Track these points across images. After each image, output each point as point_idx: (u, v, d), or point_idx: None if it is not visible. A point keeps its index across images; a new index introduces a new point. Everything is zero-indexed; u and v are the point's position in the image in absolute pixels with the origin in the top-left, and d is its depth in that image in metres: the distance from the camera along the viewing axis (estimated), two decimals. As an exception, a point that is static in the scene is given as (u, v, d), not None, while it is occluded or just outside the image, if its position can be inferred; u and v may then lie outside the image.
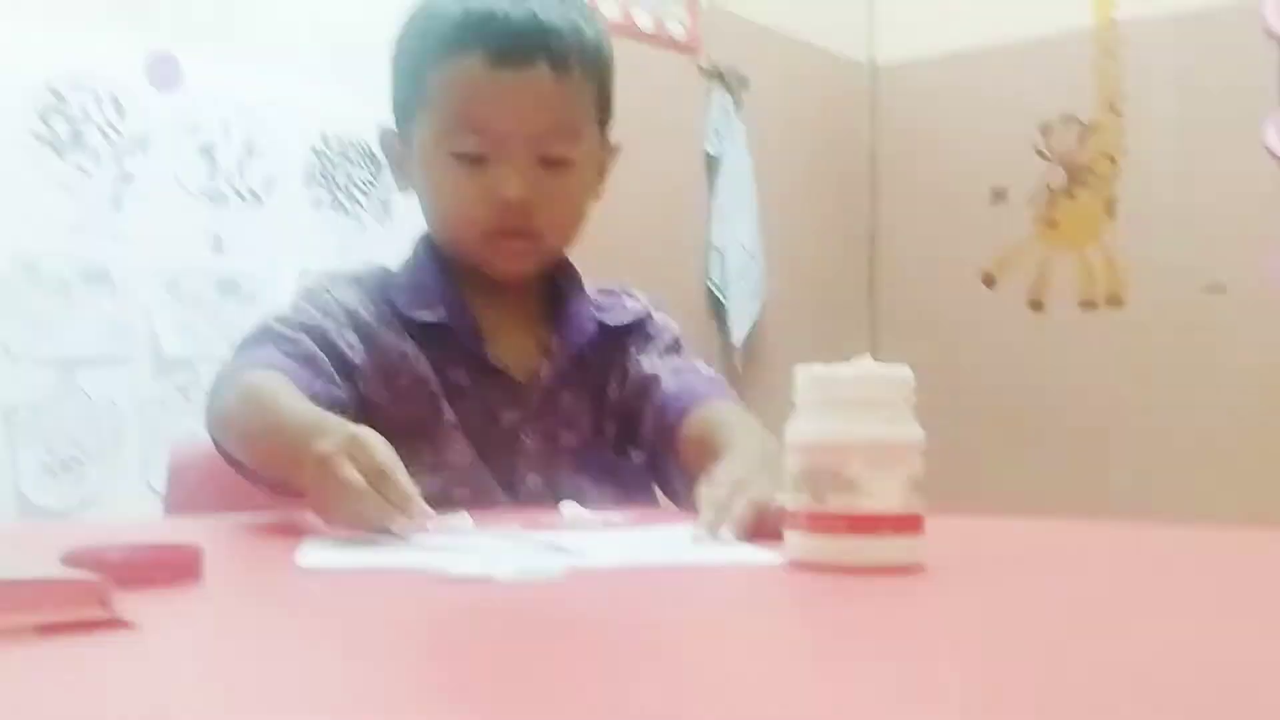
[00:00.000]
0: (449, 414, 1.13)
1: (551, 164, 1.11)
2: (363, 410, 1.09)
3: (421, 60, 1.11)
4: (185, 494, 1.31)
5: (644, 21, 2.98)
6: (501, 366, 1.16)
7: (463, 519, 0.88)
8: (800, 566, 0.68)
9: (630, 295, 1.28)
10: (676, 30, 3.07)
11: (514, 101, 1.08)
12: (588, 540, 0.80)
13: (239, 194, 2.19)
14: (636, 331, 1.24)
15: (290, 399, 0.97)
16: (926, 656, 0.47)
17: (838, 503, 0.67)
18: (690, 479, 1.11)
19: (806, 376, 0.70)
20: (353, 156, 2.36)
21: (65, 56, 1.97)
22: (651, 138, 2.85)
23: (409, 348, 1.14)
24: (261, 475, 1.01)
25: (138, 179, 2.05)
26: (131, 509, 1.97)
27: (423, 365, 1.14)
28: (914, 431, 0.69)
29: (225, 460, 1.05)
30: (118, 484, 2.01)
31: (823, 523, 0.67)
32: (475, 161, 1.10)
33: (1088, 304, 3.42)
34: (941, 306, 3.63)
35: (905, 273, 3.71)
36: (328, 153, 2.32)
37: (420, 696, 0.40)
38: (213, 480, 1.29)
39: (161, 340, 2.07)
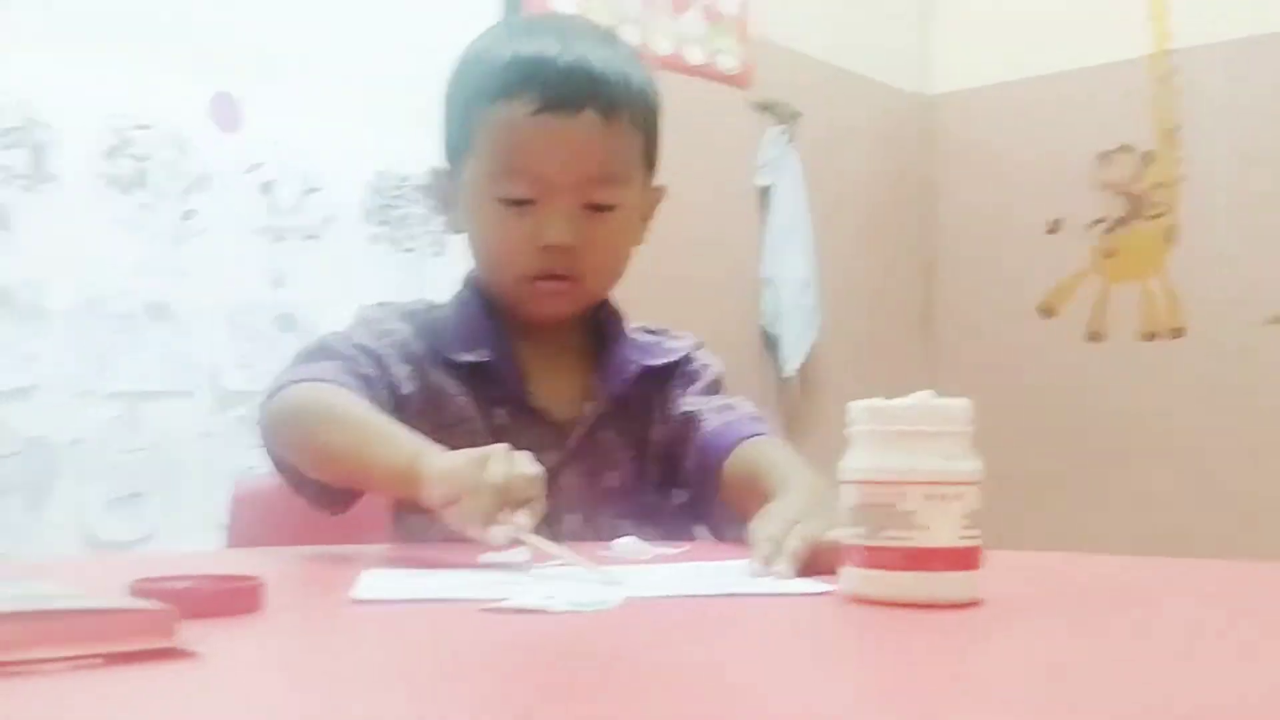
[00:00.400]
0: None
1: (596, 209, 1.11)
2: None
3: (471, 103, 1.12)
4: (247, 526, 1.33)
5: (695, 56, 3.00)
6: (541, 407, 1.17)
7: (520, 552, 0.89)
8: (856, 601, 0.68)
9: (673, 335, 1.28)
10: (728, 64, 3.09)
11: (561, 148, 1.09)
12: (642, 572, 0.81)
13: (298, 231, 2.22)
14: (678, 371, 1.24)
15: (380, 415, 1.01)
16: (981, 693, 0.47)
17: (894, 537, 0.66)
18: (735, 517, 1.11)
19: (862, 409, 0.70)
20: (408, 193, 2.39)
21: (131, 98, 2.02)
22: (703, 172, 2.86)
23: (452, 386, 1.15)
24: (318, 479, 1.04)
25: (200, 216, 2.09)
26: (193, 541, 1.99)
27: (467, 404, 1.15)
28: (972, 465, 0.68)
29: (274, 462, 1.07)
30: (179, 516, 2.04)
31: (879, 557, 0.67)
32: (521, 206, 1.11)
33: (1148, 335, 3.37)
34: (999, 338, 3.60)
35: (961, 304, 3.69)
36: (384, 189, 2.36)
37: (479, 728, 0.40)
38: (274, 513, 1.31)
39: (222, 374, 2.10)
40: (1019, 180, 3.56)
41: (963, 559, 0.67)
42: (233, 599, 0.62)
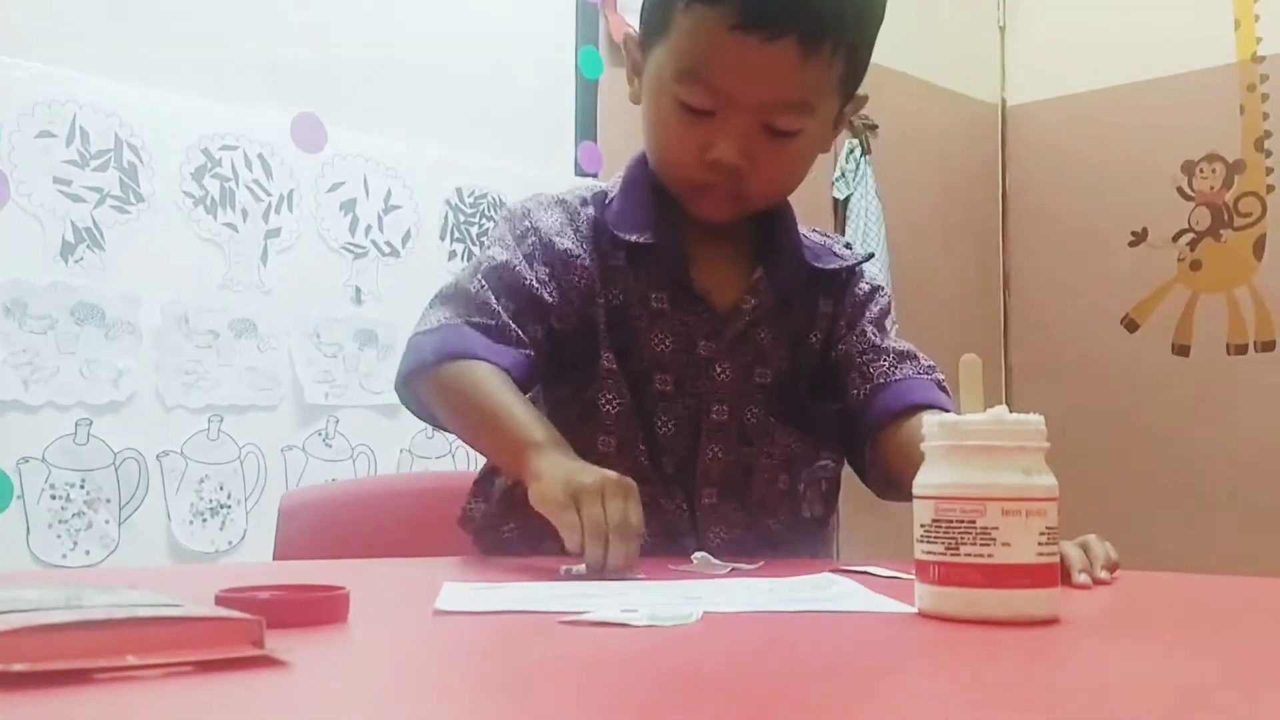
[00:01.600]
0: (648, 339, 1.14)
1: (775, 133, 1.07)
2: (552, 348, 1.14)
3: None
4: (293, 538, 1.35)
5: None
6: (703, 293, 1.15)
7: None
8: (933, 617, 0.67)
9: (839, 241, 1.28)
10: (803, 78, 3.08)
11: (752, 70, 1.03)
12: (720, 587, 0.81)
13: (378, 247, 2.26)
14: (850, 284, 1.23)
15: (506, 395, 1.05)
16: (1059, 713, 0.46)
17: (971, 553, 0.66)
18: (891, 479, 1.13)
19: (937, 424, 0.70)
20: (485, 210, 2.42)
21: (217, 120, 2.07)
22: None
23: (620, 264, 1.15)
24: (461, 438, 1.15)
25: (283, 235, 2.14)
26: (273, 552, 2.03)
27: (630, 285, 1.14)
28: (1049, 481, 0.68)
29: (418, 411, 1.16)
30: (261, 528, 2.08)
31: (956, 574, 0.66)
32: (699, 114, 1.06)
33: (1237, 348, 3.29)
34: (1080, 352, 3.54)
35: (1041, 317, 3.63)
36: (461, 207, 2.39)
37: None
38: (319, 526, 1.34)
39: (304, 389, 2.14)
40: (1101, 191, 3.50)
41: (1042, 576, 0.66)
42: (319, 609, 0.63)
